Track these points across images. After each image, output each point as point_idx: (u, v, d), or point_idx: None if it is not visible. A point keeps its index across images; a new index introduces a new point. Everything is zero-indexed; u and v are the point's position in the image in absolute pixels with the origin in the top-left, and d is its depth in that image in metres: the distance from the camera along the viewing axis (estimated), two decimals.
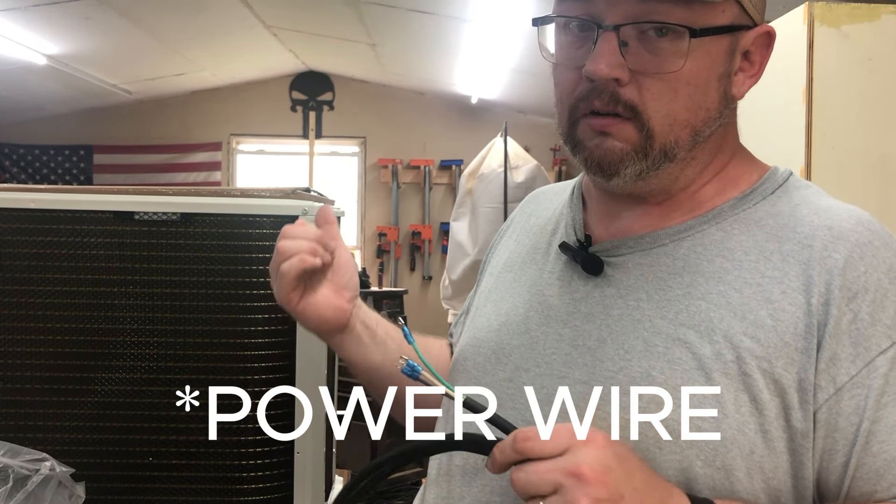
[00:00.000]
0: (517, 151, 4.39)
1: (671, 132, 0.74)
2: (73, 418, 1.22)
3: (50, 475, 1.04)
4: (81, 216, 1.22)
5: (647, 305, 0.75)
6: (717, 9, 0.72)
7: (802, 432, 0.69)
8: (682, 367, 0.71)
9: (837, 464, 0.69)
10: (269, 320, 1.23)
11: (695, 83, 0.73)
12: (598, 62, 0.71)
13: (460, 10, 4.09)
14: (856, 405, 0.68)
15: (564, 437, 0.63)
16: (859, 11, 1.71)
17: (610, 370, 0.74)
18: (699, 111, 0.74)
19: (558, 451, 0.63)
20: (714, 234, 0.77)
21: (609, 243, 0.81)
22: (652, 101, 0.73)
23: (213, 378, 1.23)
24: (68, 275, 1.22)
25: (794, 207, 0.76)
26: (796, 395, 0.69)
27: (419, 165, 6.59)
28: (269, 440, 1.23)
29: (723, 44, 0.74)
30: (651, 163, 0.74)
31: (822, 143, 1.72)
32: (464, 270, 4.37)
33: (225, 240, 1.23)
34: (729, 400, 0.69)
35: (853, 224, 0.73)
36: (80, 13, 4.23)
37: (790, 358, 0.69)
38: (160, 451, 1.23)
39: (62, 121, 6.56)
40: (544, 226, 0.92)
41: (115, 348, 1.22)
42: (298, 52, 5.90)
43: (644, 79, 0.72)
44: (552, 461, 0.62)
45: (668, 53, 0.71)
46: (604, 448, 0.63)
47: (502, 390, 0.81)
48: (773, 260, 0.73)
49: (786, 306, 0.71)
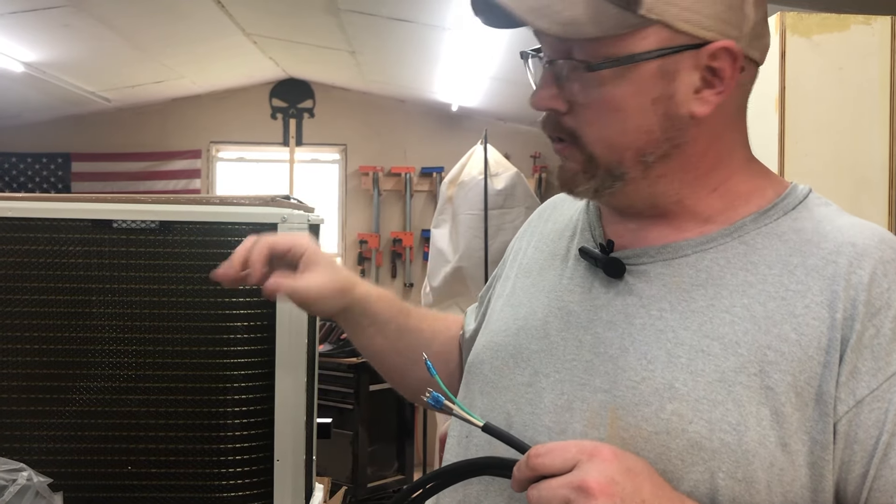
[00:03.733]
0: (497, 159, 4.41)
1: (612, 154, 0.77)
2: (51, 427, 1.22)
3: (27, 485, 1.04)
4: (59, 225, 1.22)
5: (671, 316, 0.76)
6: (635, 37, 0.73)
7: (822, 445, 0.69)
8: (704, 379, 0.72)
9: (856, 475, 0.69)
10: (248, 328, 1.24)
11: (623, 109, 0.75)
12: (536, 94, 0.79)
13: (440, 19, 4.11)
14: (876, 418, 0.69)
15: (572, 453, 0.66)
16: (829, 21, 1.75)
17: (632, 379, 0.75)
18: (638, 134, 0.76)
19: (567, 467, 0.65)
20: (737, 248, 0.77)
21: (630, 251, 0.81)
22: (586, 127, 0.77)
23: (192, 386, 1.23)
24: (46, 283, 1.21)
25: (816, 223, 0.77)
26: (817, 408, 0.70)
27: (400, 173, 6.60)
28: (248, 448, 1.23)
29: (648, 69, 0.74)
30: (601, 182, 0.78)
31: (795, 151, 1.75)
32: (445, 277, 4.37)
33: (204, 248, 1.23)
34: (751, 412, 0.70)
35: (877, 242, 0.74)
36: (58, 20, 4.20)
37: (813, 372, 0.70)
38: (139, 460, 1.22)
39: (40, 128, 6.50)
40: (562, 231, 0.93)
41: (94, 357, 1.21)
42: (278, 59, 5.89)
43: (578, 107, 0.77)
44: (562, 477, 0.65)
45: (592, 84, 0.75)
46: (610, 461, 0.65)
47: (521, 394, 0.82)
48: (797, 274, 0.74)
49: (809, 320, 0.72)
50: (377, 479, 4.06)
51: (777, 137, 1.75)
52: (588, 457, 0.65)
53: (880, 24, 1.77)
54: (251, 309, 1.23)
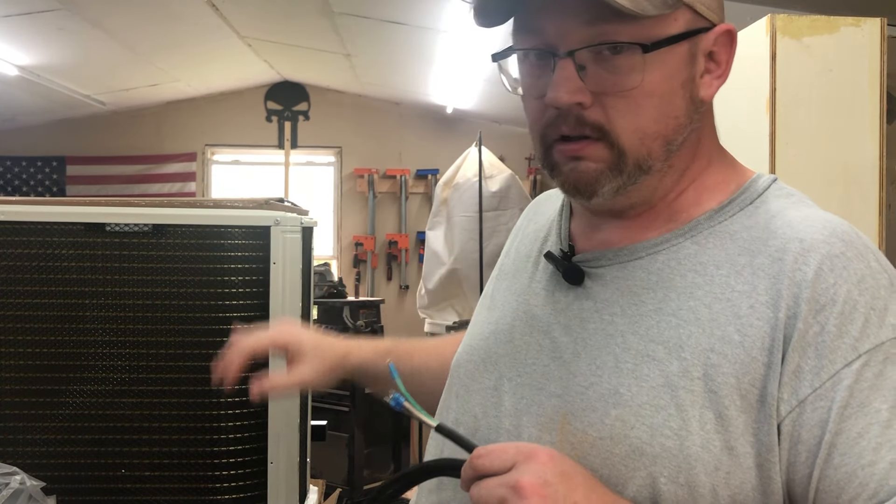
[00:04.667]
0: (492, 161, 4.42)
1: (643, 145, 0.74)
2: (44, 431, 1.22)
3: (20, 489, 1.04)
4: (52, 228, 1.22)
5: (621, 320, 0.76)
6: (669, 18, 0.72)
7: (768, 446, 0.69)
8: (648, 384, 0.72)
9: (801, 476, 0.68)
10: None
11: (658, 94, 0.73)
12: (558, 90, 0.72)
13: (434, 21, 4.12)
14: (819, 418, 0.67)
15: (510, 454, 0.67)
16: (819, 23, 1.76)
17: (581, 385, 0.75)
18: (668, 120, 0.74)
19: (505, 467, 0.67)
20: (688, 248, 0.77)
21: (591, 254, 0.81)
22: (618, 119, 0.73)
23: (186, 389, 1.23)
24: (39, 287, 1.22)
25: (769, 219, 0.76)
26: (762, 409, 0.69)
27: (395, 175, 6.60)
28: (242, 450, 1.23)
29: (680, 51, 0.74)
30: (627, 178, 0.75)
31: (786, 152, 1.76)
32: (440, 279, 4.38)
33: (197, 251, 1.23)
34: (694, 417, 0.69)
35: (826, 235, 0.72)
36: (53, 24, 4.20)
37: (756, 373, 0.69)
38: (132, 463, 1.22)
39: (34, 132, 6.49)
40: (538, 233, 0.93)
41: (87, 360, 1.22)
42: (273, 62, 5.89)
43: (607, 98, 0.73)
44: (499, 477, 0.66)
45: (626, 70, 0.72)
46: (545, 463, 0.66)
47: (487, 398, 0.83)
48: (743, 274, 0.73)
49: (753, 321, 0.70)
50: (373, 482, 4.05)
51: (768, 139, 1.76)
52: (525, 458, 0.66)
53: (870, 25, 1.78)
54: (244, 312, 1.24)
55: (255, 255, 1.24)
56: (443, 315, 4.45)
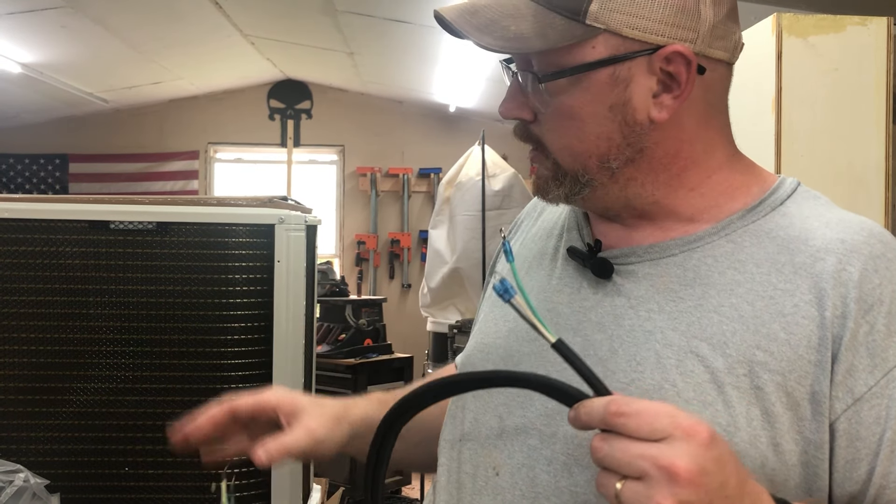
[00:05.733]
0: (495, 160, 4.41)
1: (575, 162, 0.77)
2: (48, 429, 1.22)
3: (24, 487, 1.04)
4: (56, 226, 1.22)
5: (659, 317, 0.75)
6: (585, 46, 0.73)
7: (816, 444, 0.69)
8: (694, 381, 0.71)
9: (861, 472, 0.69)
10: (245, 329, 1.24)
11: (580, 117, 0.76)
12: (503, 104, 0.80)
13: None
14: (877, 415, 0.69)
15: (666, 423, 0.58)
16: (825, 23, 1.75)
17: (621, 381, 0.74)
18: (598, 141, 0.76)
19: (655, 436, 0.58)
20: (724, 246, 0.77)
21: (618, 251, 0.81)
22: (549, 135, 0.78)
23: (190, 387, 1.23)
24: (43, 284, 1.21)
25: (804, 219, 0.76)
26: (809, 407, 0.69)
27: (398, 174, 6.60)
28: None
29: (601, 77, 0.74)
30: (570, 188, 0.79)
31: (791, 151, 1.75)
32: (442, 278, 4.37)
33: (201, 248, 1.23)
34: (741, 413, 0.69)
35: (866, 236, 0.73)
36: (56, 21, 4.20)
37: (804, 371, 0.70)
38: (136, 461, 1.22)
39: (37, 130, 6.50)
40: (550, 230, 0.93)
41: (91, 358, 1.21)
42: (276, 60, 5.89)
43: (542, 116, 0.78)
44: (647, 446, 0.58)
45: (542, 94, 0.76)
46: (706, 447, 0.58)
47: (512, 398, 0.81)
48: (784, 272, 0.73)
49: (799, 319, 0.71)
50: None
51: (773, 138, 1.75)
52: (684, 434, 0.58)
53: (876, 25, 1.77)
54: (248, 310, 1.24)
55: (259, 253, 1.24)
56: (445, 314, 4.44)
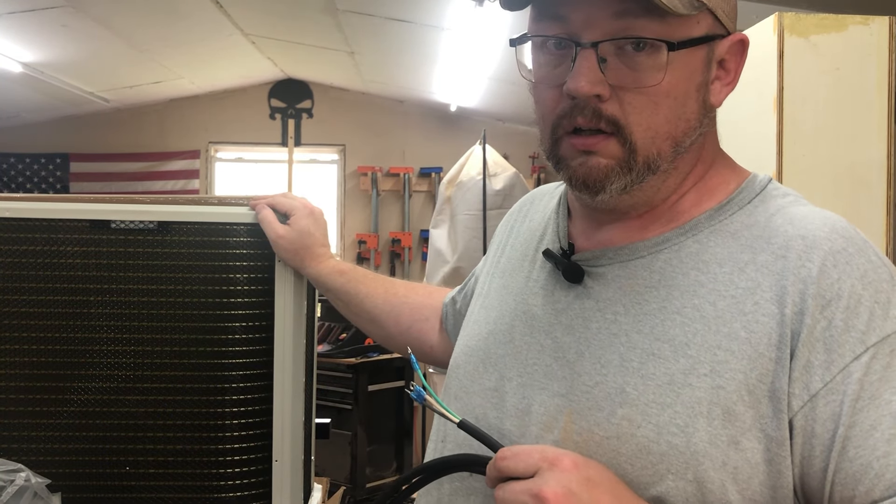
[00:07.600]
0: (496, 159, 4.41)
1: (653, 145, 0.74)
2: (49, 428, 1.21)
3: (25, 486, 1.04)
4: (57, 225, 1.22)
5: (624, 319, 0.76)
6: (693, 21, 0.73)
7: (778, 441, 0.69)
8: (654, 382, 0.72)
9: (817, 469, 0.69)
10: (246, 328, 1.24)
11: (674, 95, 0.74)
12: (579, 80, 0.72)
13: (438, 19, 4.11)
14: (831, 411, 0.68)
15: (534, 459, 0.67)
16: (827, 22, 1.75)
17: (587, 384, 0.75)
18: (680, 122, 0.75)
19: (529, 472, 0.67)
20: (690, 247, 0.77)
21: (590, 253, 0.81)
22: (633, 116, 0.73)
23: (191, 387, 1.22)
24: (44, 284, 1.21)
25: (769, 217, 0.76)
26: (770, 404, 0.69)
27: (399, 173, 6.60)
28: (246, 448, 1.23)
29: (699, 54, 0.75)
30: (635, 176, 0.75)
31: (793, 151, 1.75)
32: (443, 277, 4.37)
33: (202, 248, 1.23)
34: (701, 413, 0.70)
35: (827, 232, 0.73)
36: (57, 21, 4.21)
37: (764, 368, 0.70)
38: (137, 461, 1.22)
39: (38, 129, 6.51)
40: (535, 231, 0.93)
41: (92, 357, 1.21)
42: (277, 59, 5.89)
43: (625, 94, 0.73)
44: (523, 483, 0.66)
45: (647, 67, 0.72)
46: (569, 471, 0.66)
47: (488, 399, 0.83)
48: (747, 271, 0.73)
49: (759, 317, 0.71)
50: (376, 480, 4.05)
51: (775, 138, 1.75)
52: (549, 465, 0.66)
53: (878, 24, 1.77)
54: (250, 309, 1.23)
55: (260, 252, 1.24)
56: None
